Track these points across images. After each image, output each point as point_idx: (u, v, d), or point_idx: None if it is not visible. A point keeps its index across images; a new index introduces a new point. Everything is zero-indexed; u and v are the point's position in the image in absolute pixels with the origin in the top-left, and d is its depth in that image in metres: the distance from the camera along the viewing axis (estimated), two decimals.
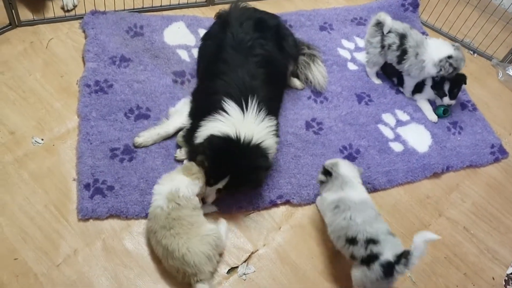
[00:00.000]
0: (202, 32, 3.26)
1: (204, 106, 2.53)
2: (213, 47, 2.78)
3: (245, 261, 2.37)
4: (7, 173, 2.43)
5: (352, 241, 2.18)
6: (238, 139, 2.32)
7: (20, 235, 2.25)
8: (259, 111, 2.44)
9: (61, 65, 2.91)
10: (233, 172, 2.32)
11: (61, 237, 2.27)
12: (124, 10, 3.27)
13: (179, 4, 3.46)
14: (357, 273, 2.18)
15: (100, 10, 3.19)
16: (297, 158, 2.76)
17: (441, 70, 3.00)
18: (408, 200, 2.77)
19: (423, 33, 3.62)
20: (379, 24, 3.17)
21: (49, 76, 2.85)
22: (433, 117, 3.14)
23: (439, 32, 3.84)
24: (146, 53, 3.06)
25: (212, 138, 2.34)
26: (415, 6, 3.74)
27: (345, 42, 3.49)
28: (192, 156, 2.47)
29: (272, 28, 2.85)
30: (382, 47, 3.17)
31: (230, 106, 2.42)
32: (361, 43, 3.51)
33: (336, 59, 3.35)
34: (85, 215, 2.33)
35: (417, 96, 3.23)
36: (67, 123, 2.67)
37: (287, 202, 2.61)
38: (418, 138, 3.03)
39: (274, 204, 2.58)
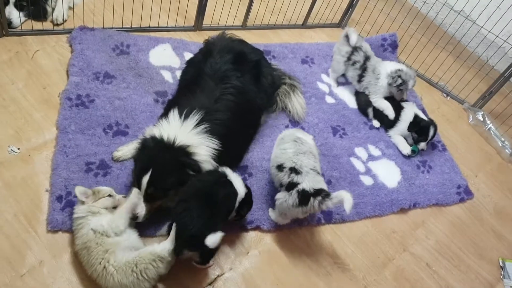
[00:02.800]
0: (187, 55, 3.35)
1: (161, 115, 2.68)
2: (192, 73, 2.90)
3: (210, 284, 2.38)
4: None
5: (279, 167, 2.50)
6: (161, 139, 2.38)
7: None
8: (200, 125, 2.47)
9: (45, 77, 2.94)
10: (154, 165, 2.30)
11: (28, 248, 2.26)
12: (112, 28, 3.33)
13: (167, 26, 3.54)
14: (280, 196, 2.47)
15: (88, 26, 3.24)
16: (271, 184, 2.81)
17: (392, 79, 3.23)
18: (374, 233, 2.84)
19: None
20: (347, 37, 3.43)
21: (31, 86, 2.87)
22: (406, 150, 3.25)
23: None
24: (130, 71, 3.11)
25: (143, 141, 2.43)
26: (394, 47, 3.89)
27: (324, 77, 3.61)
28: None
29: (251, 63, 2.95)
30: (348, 59, 3.42)
31: (173, 114, 2.51)
32: (339, 78, 3.63)
33: (315, 91, 3.46)
34: (54, 227, 2.33)
35: (391, 132, 3.35)
36: (45, 134, 2.68)
37: (257, 228, 2.65)
38: (388, 173, 3.12)
39: (244, 230, 2.62)
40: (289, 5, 3.95)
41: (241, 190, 2.42)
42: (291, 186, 2.43)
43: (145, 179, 2.30)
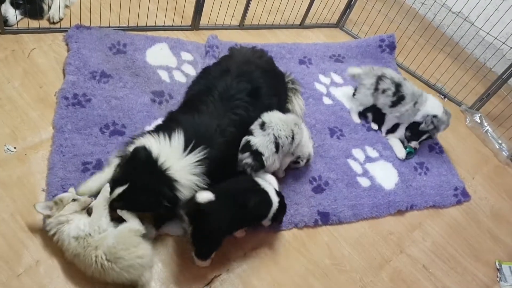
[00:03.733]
0: (184, 55, 3.33)
1: (161, 127, 2.52)
2: (203, 87, 2.75)
3: (207, 285, 2.37)
4: None
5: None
6: (155, 159, 2.26)
7: None
8: (199, 165, 2.34)
9: (41, 76, 2.93)
10: (134, 182, 2.21)
11: (25, 247, 2.24)
12: (109, 27, 3.31)
13: (164, 26, 3.52)
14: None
15: (85, 25, 3.22)
16: None
17: (425, 124, 3.18)
18: (371, 235, 2.83)
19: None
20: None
21: (27, 85, 2.85)
22: (401, 154, 3.25)
23: (413, 75, 4.00)
24: (127, 71, 3.10)
25: (136, 149, 2.30)
26: (392, 48, 3.89)
27: (322, 77, 3.60)
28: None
29: (268, 99, 2.77)
30: (376, 89, 3.29)
31: (178, 140, 2.36)
32: (337, 79, 3.63)
33: (312, 92, 3.46)
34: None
35: (390, 136, 3.35)
36: (41, 133, 2.67)
37: (254, 229, 2.64)
38: (386, 175, 3.12)
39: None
40: (286, 4, 3.94)
41: (275, 200, 2.44)
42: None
43: (118, 190, 2.21)
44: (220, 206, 2.23)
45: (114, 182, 2.27)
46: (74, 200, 2.21)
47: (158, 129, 2.45)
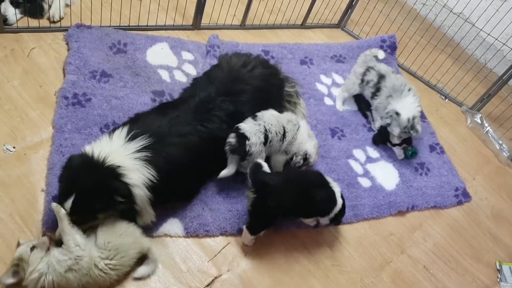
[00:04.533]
0: (185, 54, 3.33)
1: (114, 129, 2.46)
2: (187, 93, 2.76)
3: (208, 285, 2.37)
4: None
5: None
6: (91, 156, 2.17)
7: None
8: (141, 151, 2.26)
9: (41, 75, 2.92)
10: (77, 189, 2.11)
11: None
12: (109, 26, 3.30)
13: (164, 25, 3.51)
14: None
15: (85, 24, 3.21)
16: None
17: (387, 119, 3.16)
18: (372, 236, 2.83)
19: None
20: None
21: (27, 84, 2.84)
22: (400, 155, 3.23)
23: (414, 75, 4.00)
24: (127, 70, 3.09)
25: (69, 158, 2.24)
26: (393, 48, 3.88)
27: (323, 78, 3.60)
28: None
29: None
30: (362, 80, 3.33)
31: (120, 132, 2.32)
32: (338, 79, 3.62)
33: (313, 93, 3.45)
34: (50, 228, 2.29)
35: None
36: (41, 133, 2.66)
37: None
38: (386, 176, 3.11)
39: (241, 231, 2.59)
40: (288, 4, 3.93)
41: (339, 202, 2.52)
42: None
43: (68, 204, 2.11)
44: (286, 188, 2.40)
45: (60, 198, 2.17)
46: (32, 248, 2.05)
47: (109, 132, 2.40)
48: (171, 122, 2.44)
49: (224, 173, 2.59)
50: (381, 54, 3.43)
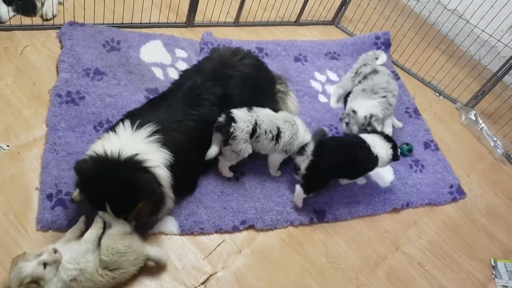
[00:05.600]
0: (178, 52, 3.32)
1: (112, 127, 2.46)
2: (175, 83, 2.77)
3: (203, 283, 2.36)
4: None
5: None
6: (104, 155, 2.14)
7: None
8: (152, 135, 2.29)
9: (34, 73, 2.90)
10: (106, 197, 2.09)
11: (18, 246, 2.22)
12: (103, 24, 3.28)
13: (158, 22, 3.50)
14: None
15: (78, 21, 3.20)
16: (263, 182, 2.80)
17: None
18: (367, 233, 2.83)
19: (393, 71, 3.74)
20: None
21: (20, 82, 2.83)
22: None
23: (408, 72, 4.00)
24: (120, 68, 3.07)
25: (78, 166, 2.14)
26: (387, 45, 3.88)
27: (317, 75, 3.59)
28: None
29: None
30: (355, 73, 3.33)
31: (123, 125, 2.33)
32: (333, 76, 3.63)
33: (307, 90, 3.44)
34: (44, 226, 2.29)
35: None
36: (35, 131, 2.64)
37: (250, 227, 2.63)
38: (381, 173, 3.11)
39: (236, 229, 2.60)
40: (282, 1, 3.93)
41: (382, 153, 2.78)
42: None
43: (108, 212, 2.12)
44: (337, 151, 2.70)
45: (92, 205, 2.18)
46: (44, 264, 1.99)
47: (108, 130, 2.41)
48: (165, 111, 2.49)
49: (209, 152, 2.59)
50: (382, 58, 3.36)
